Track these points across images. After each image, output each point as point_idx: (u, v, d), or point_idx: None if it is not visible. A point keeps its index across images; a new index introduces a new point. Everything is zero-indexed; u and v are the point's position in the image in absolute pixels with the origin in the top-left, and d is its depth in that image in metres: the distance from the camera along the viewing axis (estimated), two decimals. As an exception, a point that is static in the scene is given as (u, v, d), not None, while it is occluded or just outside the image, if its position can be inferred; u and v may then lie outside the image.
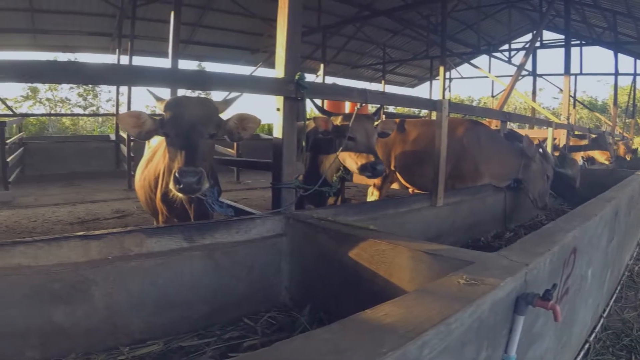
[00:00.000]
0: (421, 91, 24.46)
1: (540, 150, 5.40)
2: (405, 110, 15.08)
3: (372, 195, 6.13)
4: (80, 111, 27.10)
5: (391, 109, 16.08)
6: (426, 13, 15.75)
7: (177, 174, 2.40)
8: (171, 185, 2.47)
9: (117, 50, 12.47)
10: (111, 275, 2.32)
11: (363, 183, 6.67)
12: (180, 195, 2.57)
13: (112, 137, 13.46)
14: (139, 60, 12.05)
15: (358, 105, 3.65)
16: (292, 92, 2.99)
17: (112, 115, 15.47)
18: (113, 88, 24.09)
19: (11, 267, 2.15)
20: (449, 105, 4.15)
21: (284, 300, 2.87)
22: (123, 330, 2.37)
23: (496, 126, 6.86)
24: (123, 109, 13.09)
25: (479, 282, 1.63)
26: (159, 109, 2.78)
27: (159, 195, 3.29)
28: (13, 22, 12.29)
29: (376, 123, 3.97)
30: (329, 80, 16.18)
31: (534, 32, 16.86)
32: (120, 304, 2.35)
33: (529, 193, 5.41)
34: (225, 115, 2.88)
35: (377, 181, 5.96)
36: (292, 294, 2.85)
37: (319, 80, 14.69)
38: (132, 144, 9.80)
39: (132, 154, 9.64)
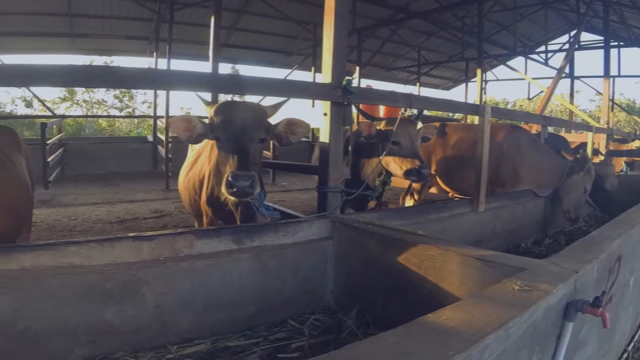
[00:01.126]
0: (456, 93, 24.12)
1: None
2: (438, 113, 14.97)
3: (411, 199, 6.11)
4: (116, 112, 27.61)
5: (424, 111, 15.98)
6: (461, 14, 15.59)
7: (230, 178, 2.43)
8: (223, 189, 2.50)
9: (154, 53, 12.68)
10: (162, 275, 2.37)
11: (400, 186, 6.64)
12: (232, 198, 2.61)
13: (150, 138, 13.77)
14: (177, 64, 12.23)
15: (402, 110, 3.66)
16: (339, 97, 3.01)
17: (150, 117, 15.71)
18: (149, 90, 24.60)
19: (64, 266, 2.20)
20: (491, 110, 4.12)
21: (328, 303, 2.88)
22: (172, 329, 2.41)
23: (536, 130, 6.77)
24: (160, 111, 13.33)
25: (532, 288, 1.64)
26: (209, 113, 2.82)
27: (204, 197, 3.34)
28: (52, 26, 12.63)
29: (418, 127, 3.97)
30: (364, 82, 16.14)
31: (571, 33, 16.58)
32: (170, 303, 2.40)
33: (564, 204, 5.26)
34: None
35: (416, 185, 5.94)
36: (337, 297, 2.86)
37: (354, 82, 14.61)
38: (170, 145, 9.96)
39: (170, 156, 9.78)
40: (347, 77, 3.01)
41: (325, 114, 3.08)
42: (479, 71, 13.40)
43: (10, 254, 2.15)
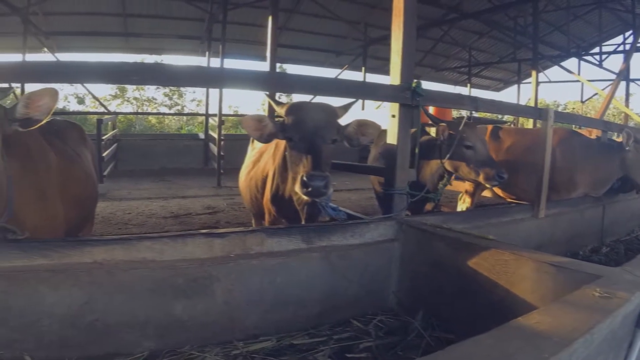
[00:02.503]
0: (506, 95, 23.60)
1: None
2: (486, 114, 14.50)
3: (464, 202, 6.05)
4: (166, 110, 28.12)
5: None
6: (513, 14, 15.23)
7: (305, 178, 2.46)
8: (297, 188, 2.53)
9: (206, 53, 12.90)
10: (233, 272, 2.43)
11: (451, 189, 6.57)
12: (305, 198, 2.63)
13: (201, 135, 14.01)
14: (227, 63, 12.38)
15: (469, 113, 3.63)
16: (408, 99, 3.01)
17: (201, 115, 15.94)
18: (197, 88, 25.03)
19: (137, 260, 2.29)
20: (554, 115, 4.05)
21: (391, 304, 2.89)
22: (239, 326, 2.46)
23: (596, 135, 6.59)
24: (212, 110, 13.53)
25: (612, 296, 1.67)
26: (280, 113, 2.86)
27: (268, 195, 3.38)
28: (107, 26, 13.06)
29: None
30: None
31: (626, 34, 15.99)
32: (239, 300, 2.45)
33: (637, 180, 5.19)
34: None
35: (469, 188, 5.88)
36: (400, 299, 2.86)
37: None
38: (222, 143, 10.13)
39: (222, 153, 9.95)
40: (415, 80, 3.01)
41: (393, 116, 3.09)
42: (534, 73, 13.07)
43: (84, 247, 2.24)
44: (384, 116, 3.37)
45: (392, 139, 3.12)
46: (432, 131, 4.05)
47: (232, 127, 23.89)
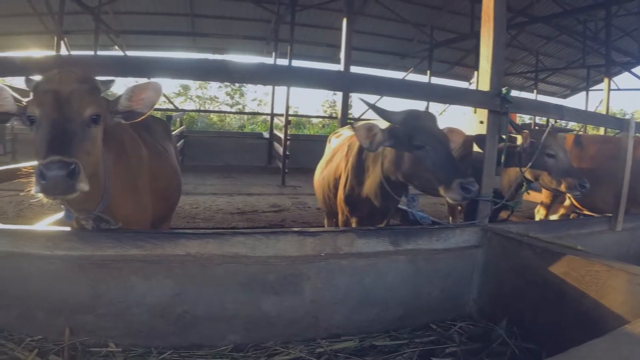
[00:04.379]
0: (572, 103, 22.73)
1: None
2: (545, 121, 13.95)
3: (538, 213, 5.92)
4: (227, 109, 28.50)
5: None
6: (583, 18, 14.71)
7: (466, 185, 2.58)
8: (451, 194, 2.63)
9: (273, 53, 13.12)
10: (322, 271, 2.49)
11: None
12: (454, 201, 2.72)
13: (265, 135, 14.31)
14: (295, 64, 12.56)
15: (553, 121, 3.58)
16: (497, 105, 3.01)
17: (267, 114, 16.15)
18: (258, 88, 25.34)
19: (230, 255, 2.38)
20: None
21: (469, 311, 2.89)
22: (323, 324, 2.52)
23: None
24: (278, 109, 13.75)
25: None
26: (391, 122, 2.93)
27: (342, 195, 3.45)
28: (175, 26, 13.62)
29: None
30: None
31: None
32: (326, 299, 2.51)
33: None
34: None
35: (546, 199, 5.74)
36: (480, 306, 2.86)
37: (472, 87, 14.24)
38: (288, 142, 10.32)
39: (287, 153, 10.16)
40: (505, 87, 3.01)
41: (481, 122, 3.09)
42: (606, 80, 12.61)
43: (177, 240, 2.34)
44: (447, 122, 3.37)
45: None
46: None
47: (294, 128, 24.09)
